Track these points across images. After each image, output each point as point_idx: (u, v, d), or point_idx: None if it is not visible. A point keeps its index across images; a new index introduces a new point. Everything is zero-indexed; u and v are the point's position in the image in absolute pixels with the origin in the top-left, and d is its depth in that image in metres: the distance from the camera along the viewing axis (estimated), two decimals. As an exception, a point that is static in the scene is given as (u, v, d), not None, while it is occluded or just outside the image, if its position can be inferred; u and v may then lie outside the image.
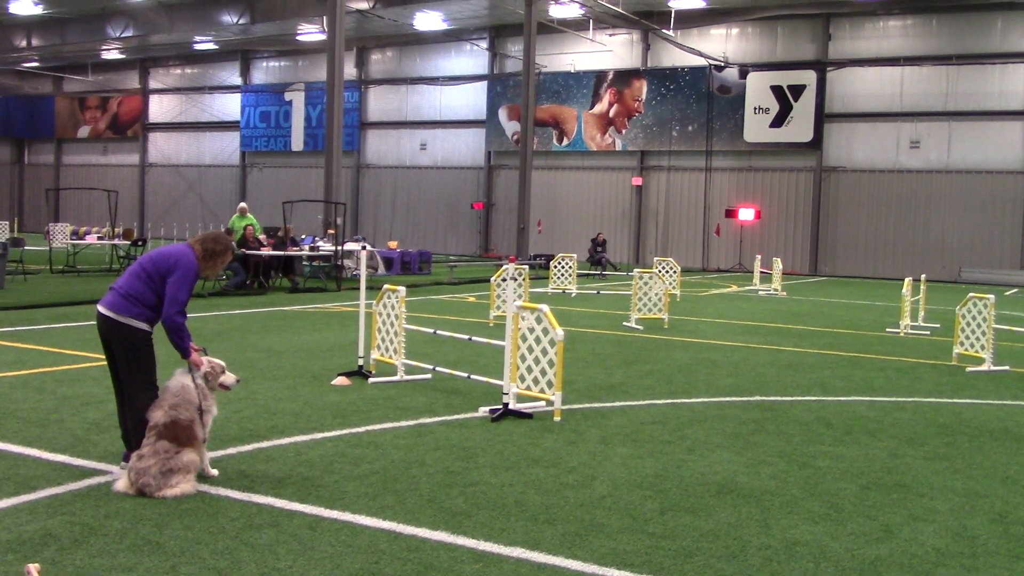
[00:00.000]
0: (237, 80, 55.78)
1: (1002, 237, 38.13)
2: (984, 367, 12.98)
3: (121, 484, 6.15)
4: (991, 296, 13.34)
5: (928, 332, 17.74)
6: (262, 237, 23.83)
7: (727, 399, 10.21)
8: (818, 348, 14.93)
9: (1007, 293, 31.06)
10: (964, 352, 13.60)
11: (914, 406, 10.17)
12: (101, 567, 4.87)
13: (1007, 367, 13.17)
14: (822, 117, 40.63)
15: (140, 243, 28.67)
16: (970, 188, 38.52)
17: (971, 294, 13.74)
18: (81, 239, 30.04)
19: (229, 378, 6.70)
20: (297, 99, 53.39)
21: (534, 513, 5.97)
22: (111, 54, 55.34)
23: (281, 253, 23.08)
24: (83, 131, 61.89)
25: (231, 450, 7.27)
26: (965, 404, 10.41)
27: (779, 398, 10.37)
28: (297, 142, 53.54)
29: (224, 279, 21.48)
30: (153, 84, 59.25)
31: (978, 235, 38.45)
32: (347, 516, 5.80)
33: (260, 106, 54.67)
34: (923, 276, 21.48)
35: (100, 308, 6.60)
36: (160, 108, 59.14)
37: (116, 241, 28.70)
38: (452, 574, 4.92)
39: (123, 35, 46.32)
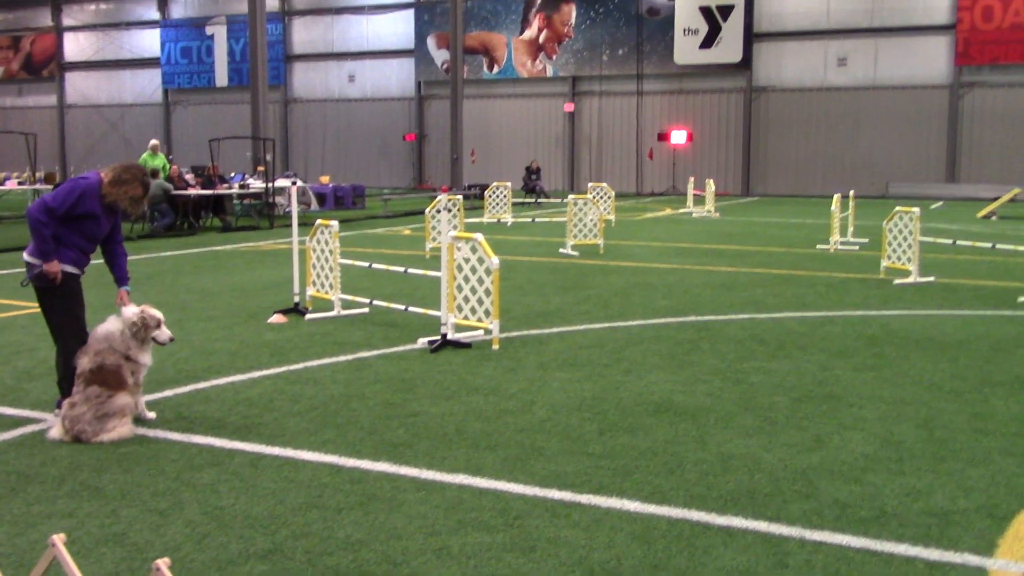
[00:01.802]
0: (155, 15, 53.99)
1: (928, 151, 38.86)
2: (910, 279, 13.32)
3: (56, 431, 6.06)
4: (916, 209, 13.64)
5: (857, 247, 18.11)
6: (189, 177, 23.33)
7: (663, 320, 10.35)
8: (751, 267, 15.17)
9: (933, 206, 31.78)
10: (891, 265, 13.93)
11: (844, 319, 10.42)
12: (40, 514, 4.82)
13: (932, 278, 13.53)
14: (751, 37, 40.73)
15: (63, 187, 27.79)
16: (896, 104, 39.08)
17: (897, 208, 14.02)
18: (1, 185, 29.09)
19: (163, 334, 6.39)
20: (219, 33, 51.92)
21: (475, 440, 6.03)
22: (20, -10, 53.21)
23: (210, 192, 22.65)
24: (-4, 72, 59.62)
25: (168, 392, 7.20)
26: (892, 316, 10.70)
27: (713, 317, 10.55)
28: (221, 78, 52.22)
29: (155, 216, 21.06)
30: (67, 21, 57.07)
31: (905, 150, 39.14)
32: (288, 452, 5.80)
33: (181, 41, 53.09)
34: (852, 192, 21.85)
35: (24, 255, 6.46)
36: (76, 46, 57.07)
37: (38, 186, 27.84)
38: (395, 503, 4.96)
39: (32, -30, 44.45)
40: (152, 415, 6.46)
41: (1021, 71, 37.26)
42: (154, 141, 24.49)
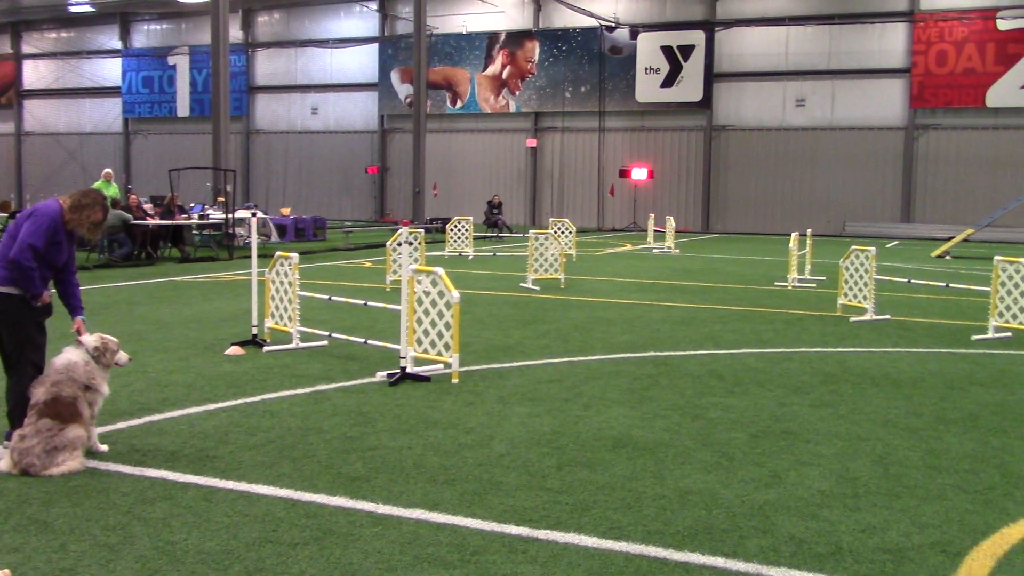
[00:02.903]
0: (117, 44, 53.74)
1: (883, 191, 39.52)
2: (866, 317, 13.48)
3: (3, 464, 5.93)
4: (872, 248, 13.83)
5: (814, 285, 18.32)
6: (148, 207, 23.14)
7: (622, 356, 10.38)
8: (710, 303, 15.28)
9: (888, 245, 32.26)
10: (848, 303, 14.09)
11: (801, 356, 10.51)
12: (-16, 549, 4.71)
13: (888, 316, 13.70)
14: (711, 77, 41.32)
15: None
16: (853, 144, 39.76)
17: (854, 247, 14.21)
18: (-46, 212, 28.70)
19: (123, 356, 6.53)
20: (181, 63, 51.75)
21: (433, 474, 5.99)
22: (-21, 17, 52.71)
23: (169, 222, 22.46)
24: (-48, 99, 58.91)
25: (121, 424, 7.09)
26: (849, 353, 10.81)
27: (672, 353, 10.59)
28: (183, 108, 51.99)
29: (109, 246, 20.83)
30: (27, 49, 56.62)
31: (861, 190, 39.78)
32: (243, 486, 5.72)
33: (142, 71, 52.83)
34: (809, 231, 22.15)
35: None
36: (35, 74, 56.61)
37: (-7, 213, 27.50)
38: (351, 538, 4.91)
39: (-8, -3, 44.10)
40: (104, 448, 6.36)
41: (973, 114, 38.11)
42: (107, 170, 24.28)
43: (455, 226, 24.89)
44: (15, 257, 6.15)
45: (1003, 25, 37.18)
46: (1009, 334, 12.11)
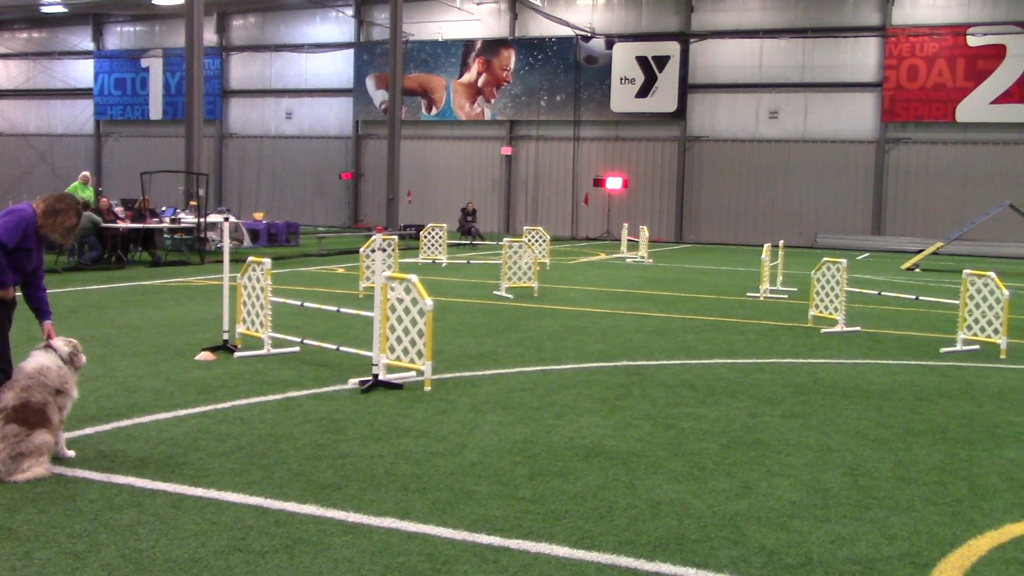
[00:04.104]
0: (89, 45, 53.27)
1: (855, 204, 39.88)
2: (837, 328, 13.57)
3: (-32, 469, 5.84)
4: (843, 260, 13.94)
5: (786, 296, 18.43)
6: (119, 210, 22.95)
7: (595, 365, 10.39)
8: (683, 313, 15.33)
9: (859, 257, 32.54)
10: (819, 314, 14.19)
11: (772, 367, 10.57)
12: (-53, 556, 4.63)
13: (858, 328, 13.81)
14: (686, 88, 41.55)
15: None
16: (825, 157, 40.11)
17: (825, 259, 14.32)
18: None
19: (83, 358, 6.48)
20: (155, 66, 51.37)
21: (404, 483, 5.96)
22: (-51, 16, 52.09)
23: (140, 226, 22.27)
24: (-79, 98, 58.11)
25: (88, 430, 7.00)
26: (819, 364, 10.88)
27: (645, 363, 10.62)
28: (155, 110, 51.60)
29: (79, 249, 20.62)
30: (-3, 48, 56.04)
31: (833, 202, 40.12)
32: (212, 493, 5.67)
33: (115, 73, 52.39)
34: (781, 242, 22.28)
35: None
36: (6, 74, 55.99)
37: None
38: (321, 547, 4.87)
39: (-38, -4, 43.58)
40: (71, 453, 6.28)
41: (943, 129, 38.55)
42: (85, 172, 24.09)
43: (429, 233, 24.85)
44: None
45: (973, 41, 37.65)
46: (977, 347, 12.24)
